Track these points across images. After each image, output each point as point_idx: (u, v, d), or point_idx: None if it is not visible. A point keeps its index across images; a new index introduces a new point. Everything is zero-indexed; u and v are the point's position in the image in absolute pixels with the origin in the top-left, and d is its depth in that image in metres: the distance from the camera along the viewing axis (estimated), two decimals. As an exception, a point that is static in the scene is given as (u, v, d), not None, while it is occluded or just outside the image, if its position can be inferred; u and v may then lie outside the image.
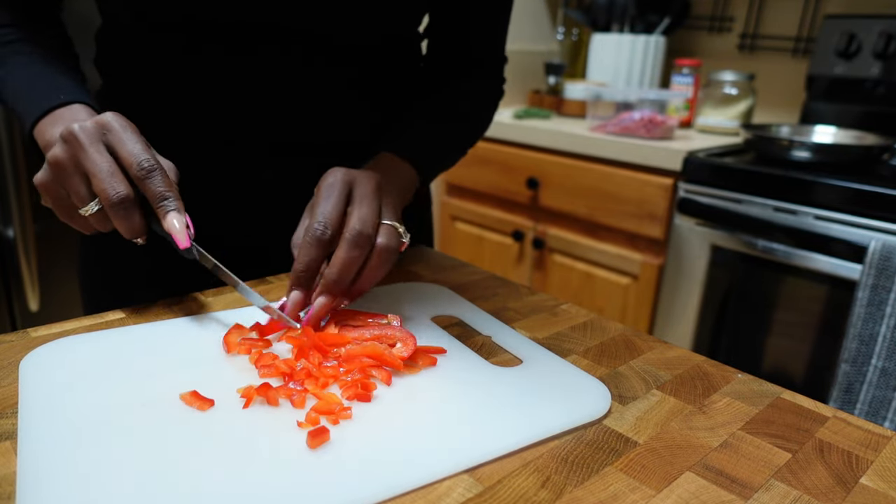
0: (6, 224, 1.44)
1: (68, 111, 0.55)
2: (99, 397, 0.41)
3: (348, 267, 0.49)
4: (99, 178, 0.48)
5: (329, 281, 0.49)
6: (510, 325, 0.56)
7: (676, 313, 1.49)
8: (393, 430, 0.39)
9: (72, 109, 0.55)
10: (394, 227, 0.52)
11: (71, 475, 0.34)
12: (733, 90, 1.69)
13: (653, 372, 0.50)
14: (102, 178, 0.47)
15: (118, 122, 0.50)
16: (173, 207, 0.49)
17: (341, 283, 0.49)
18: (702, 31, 1.96)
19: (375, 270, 0.51)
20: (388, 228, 0.52)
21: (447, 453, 0.37)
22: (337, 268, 0.49)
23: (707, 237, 1.40)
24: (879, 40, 1.54)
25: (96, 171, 0.48)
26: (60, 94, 0.56)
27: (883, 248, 1.14)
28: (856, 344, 1.19)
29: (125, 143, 0.49)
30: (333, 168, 0.54)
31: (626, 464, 0.38)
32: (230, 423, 0.39)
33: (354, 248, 0.49)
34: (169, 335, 0.50)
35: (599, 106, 1.68)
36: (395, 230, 0.52)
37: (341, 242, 0.50)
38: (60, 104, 0.55)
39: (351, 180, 0.53)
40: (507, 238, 1.80)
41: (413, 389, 0.44)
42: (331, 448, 0.37)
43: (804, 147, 1.34)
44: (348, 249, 0.49)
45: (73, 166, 0.48)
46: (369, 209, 0.51)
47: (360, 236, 0.49)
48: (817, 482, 0.38)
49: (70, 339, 0.48)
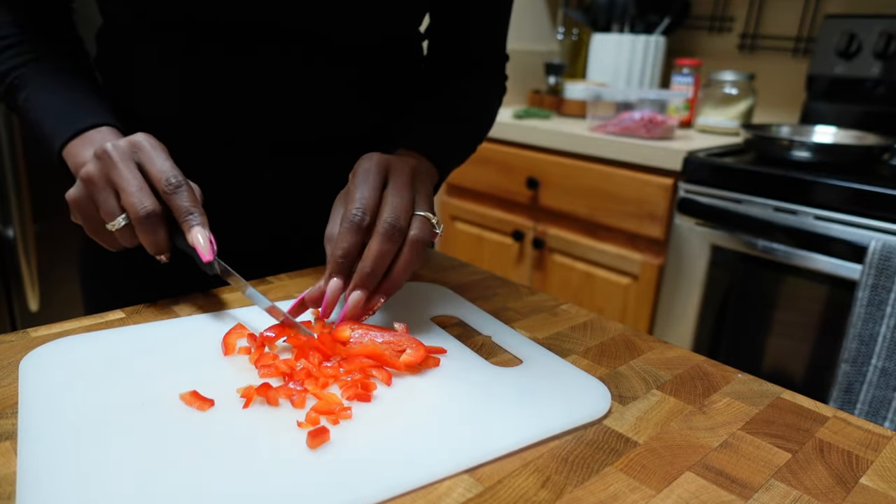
0: (6, 224, 1.44)
1: (98, 133, 0.57)
2: (99, 397, 0.41)
3: (382, 259, 0.49)
4: (128, 192, 0.50)
5: (363, 273, 0.48)
6: (510, 325, 0.56)
7: (676, 313, 1.49)
8: (393, 430, 0.39)
9: (101, 132, 0.57)
10: (427, 217, 0.52)
11: (71, 475, 0.33)
12: (733, 90, 1.69)
13: (653, 372, 0.50)
14: (131, 193, 0.49)
15: (149, 142, 0.52)
16: (198, 222, 0.51)
17: (375, 275, 0.49)
18: (702, 31, 1.96)
19: (409, 262, 0.50)
20: (422, 219, 0.51)
21: (448, 453, 0.37)
22: (371, 260, 0.48)
23: (707, 237, 1.40)
24: (880, 40, 1.54)
25: (125, 186, 0.50)
26: (89, 117, 0.58)
27: (883, 248, 1.14)
28: (856, 344, 1.19)
29: (155, 161, 0.51)
30: (368, 153, 0.54)
31: (626, 464, 0.38)
32: (230, 423, 0.39)
33: (388, 240, 0.49)
34: (169, 335, 0.50)
35: (599, 106, 1.68)
36: (428, 221, 0.52)
37: (374, 234, 0.49)
38: (90, 126, 0.57)
39: (387, 166, 0.52)
40: (507, 238, 1.80)
41: (413, 389, 0.44)
42: (331, 448, 0.37)
43: (804, 147, 1.34)
44: (382, 242, 0.49)
45: (104, 181, 0.50)
46: (402, 199, 0.51)
47: (394, 229, 0.49)
48: (817, 482, 0.38)
49: (69, 339, 0.48)
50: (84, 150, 0.55)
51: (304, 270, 0.67)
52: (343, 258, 0.49)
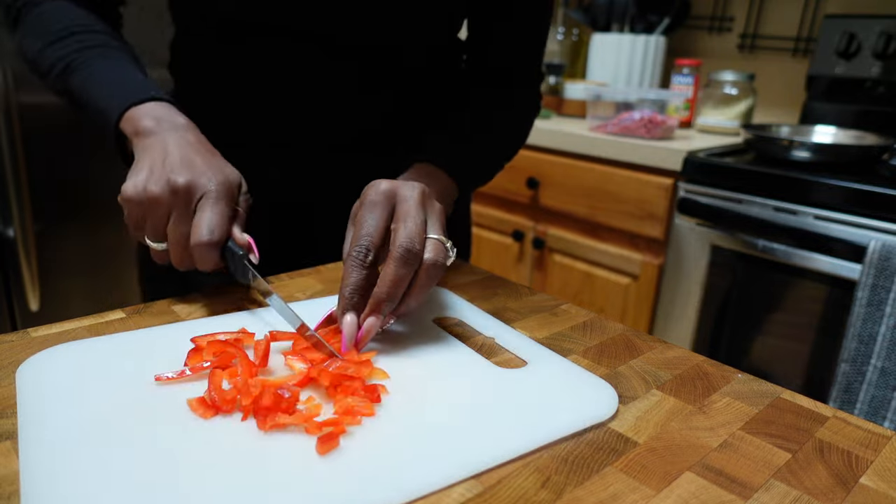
0: (6, 224, 1.44)
1: (159, 106, 0.58)
2: (100, 403, 0.41)
3: (397, 285, 0.48)
4: (174, 238, 0.53)
5: (379, 300, 0.48)
6: (510, 325, 0.56)
7: (676, 313, 1.49)
8: (402, 437, 0.39)
9: (162, 105, 0.58)
10: (440, 241, 0.51)
11: (72, 482, 0.34)
12: (733, 90, 1.69)
13: (653, 372, 0.50)
14: (176, 241, 0.53)
15: (216, 193, 0.53)
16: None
17: (392, 300, 0.48)
18: (702, 31, 1.96)
19: (424, 287, 0.49)
20: (435, 243, 0.50)
21: (459, 460, 0.37)
22: (386, 286, 0.47)
23: (707, 237, 1.40)
24: (879, 40, 1.54)
25: (176, 223, 0.53)
26: (150, 91, 0.59)
27: (882, 248, 1.14)
28: (855, 344, 1.19)
29: (207, 211, 0.53)
30: (376, 181, 0.53)
31: (626, 464, 0.38)
32: (235, 427, 0.39)
33: (403, 265, 0.48)
34: (170, 338, 0.50)
35: (599, 106, 1.68)
36: (441, 245, 0.51)
37: (389, 260, 0.48)
38: (150, 98, 0.58)
39: (393, 193, 0.52)
40: (507, 238, 1.81)
41: (420, 393, 0.44)
42: (339, 454, 0.37)
43: (804, 147, 1.34)
44: (397, 268, 0.48)
45: (163, 207, 0.52)
46: (415, 224, 0.50)
47: (409, 254, 0.48)
48: (817, 482, 0.38)
49: (67, 346, 0.48)
50: (144, 118, 0.56)
51: (303, 270, 0.67)
52: (352, 294, 0.48)
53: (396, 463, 0.36)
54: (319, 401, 0.42)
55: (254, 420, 0.39)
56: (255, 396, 0.40)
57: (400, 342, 0.51)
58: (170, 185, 0.52)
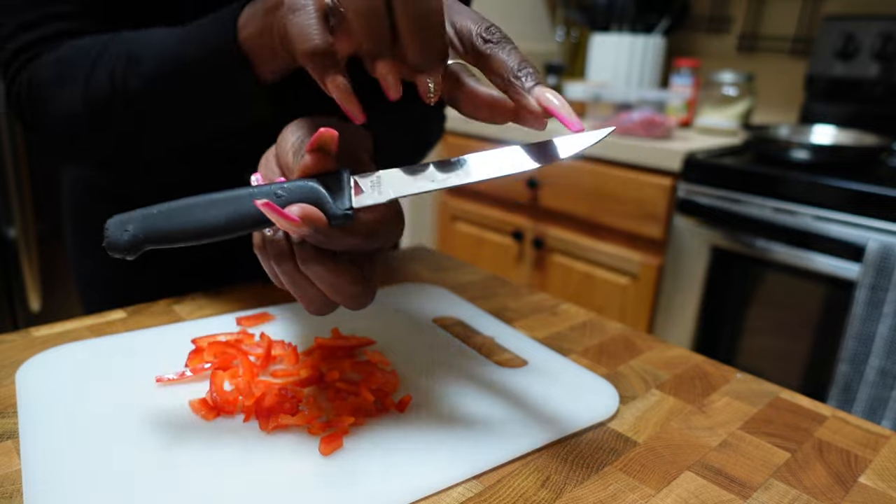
0: (8, 224, 1.44)
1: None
2: (101, 403, 0.41)
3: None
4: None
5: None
6: (510, 325, 0.56)
7: (676, 313, 1.49)
8: (406, 437, 0.39)
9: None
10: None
11: (73, 482, 0.34)
12: (732, 90, 1.69)
13: (652, 371, 0.50)
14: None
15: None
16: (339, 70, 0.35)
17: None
18: (701, 32, 1.97)
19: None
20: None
21: (462, 460, 0.37)
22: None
23: (706, 237, 1.40)
24: (878, 41, 1.54)
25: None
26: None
27: (881, 248, 1.14)
28: (854, 343, 1.19)
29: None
30: None
31: (626, 463, 0.38)
32: (237, 428, 0.39)
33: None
34: (171, 339, 0.50)
35: (599, 106, 1.68)
36: None
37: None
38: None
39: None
40: (507, 238, 1.81)
41: (423, 393, 0.44)
42: (341, 454, 0.37)
43: (803, 147, 1.34)
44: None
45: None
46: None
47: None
48: (816, 481, 0.38)
49: (68, 346, 0.48)
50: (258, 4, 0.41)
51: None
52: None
53: (397, 463, 0.36)
54: (322, 401, 0.42)
55: (256, 421, 0.39)
56: (257, 397, 0.40)
57: (400, 342, 0.51)
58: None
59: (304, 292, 0.35)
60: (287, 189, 0.34)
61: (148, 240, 0.33)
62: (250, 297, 0.59)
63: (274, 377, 0.44)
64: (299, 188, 0.34)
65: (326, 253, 0.34)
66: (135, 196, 0.49)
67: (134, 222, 0.33)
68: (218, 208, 0.34)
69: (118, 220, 0.34)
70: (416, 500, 0.34)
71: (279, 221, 0.32)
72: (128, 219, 0.34)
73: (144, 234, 0.33)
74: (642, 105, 1.61)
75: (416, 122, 0.62)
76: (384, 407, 0.41)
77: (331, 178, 0.34)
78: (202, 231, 0.34)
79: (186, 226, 0.34)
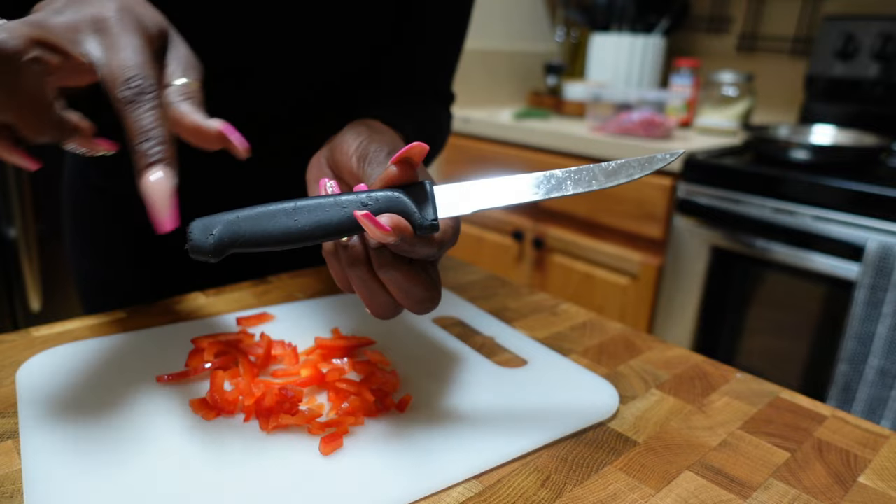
0: (8, 224, 1.44)
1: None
2: (101, 403, 0.41)
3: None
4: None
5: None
6: (510, 325, 0.56)
7: (676, 313, 1.49)
8: (406, 438, 0.39)
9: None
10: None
11: (73, 482, 0.34)
12: (732, 91, 1.69)
13: (652, 371, 0.50)
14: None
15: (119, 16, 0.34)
16: (159, 158, 0.32)
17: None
18: (701, 32, 1.97)
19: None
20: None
21: (462, 460, 0.37)
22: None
23: (706, 237, 1.40)
24: (877, 41, 1.54)
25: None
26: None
27: (880, 248, 1.14)
28: (854, 343, 1.19)
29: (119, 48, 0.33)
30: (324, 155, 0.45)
31: (626, 463, 0.38)
32: (238, 428, 0.39)
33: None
34: (171, 339, 0.50)
35: (599, 106, 1.68)
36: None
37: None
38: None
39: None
40: (507, 238, 1.81)
41: (423, 392, 0.44)
42: (341, 454, 0.37)
43: (803, 147, 1.34)
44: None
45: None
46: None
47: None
48: (816, 481, 0.38)
49: (68, 346, 0.48)
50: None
51: (303, 270, 0.67)
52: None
53: (397, 463, 0.36)
54: (322, 401, 0.42)
55: (256, 421, 0.39)
56: (257, 397, 0.40)
57: (400, 342, 0.51)
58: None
59: (375, 297, 0.36)
60: (373, 198, 0.34)
61: (233, 244, 0.33)
62: (250, 297, 0.59)
63: (274, 377, 0.44)
64: (386, 198, 0.34)
65: (403, 259, 0.35)
66: (134, 196, 0.49)
67: (218, 227, 0.33)
68: (303, 215, 0.34)
69: (201, 225, 0.33)
70: (416, 500, 0.34)
71: (373, 231, 0.32)
72: (211, 223, 0.33)
73: (230, 239, 0.33)
74: (642, 105, 1.61)
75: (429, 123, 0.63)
76: (384, 407, 0.41)
77: (415, 189, 0.35)
78: (287, 237, 0.34)
79: (272, 231, 0.34)
